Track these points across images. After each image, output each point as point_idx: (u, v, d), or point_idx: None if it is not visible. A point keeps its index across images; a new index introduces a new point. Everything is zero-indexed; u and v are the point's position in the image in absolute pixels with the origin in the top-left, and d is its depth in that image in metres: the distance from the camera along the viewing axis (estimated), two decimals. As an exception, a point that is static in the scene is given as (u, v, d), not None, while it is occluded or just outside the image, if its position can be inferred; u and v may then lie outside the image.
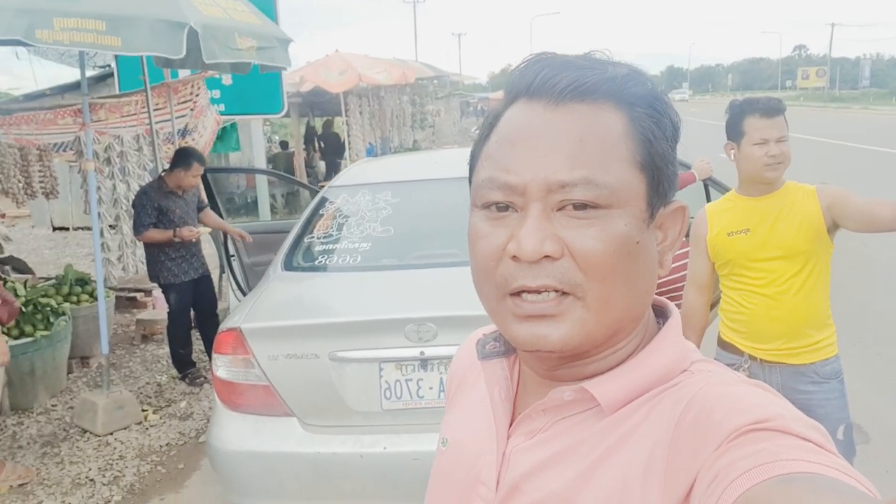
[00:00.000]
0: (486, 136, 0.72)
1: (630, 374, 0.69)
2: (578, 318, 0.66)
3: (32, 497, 3.73)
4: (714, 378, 0.67)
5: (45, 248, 11.30)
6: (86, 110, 4.56)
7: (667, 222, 0.72)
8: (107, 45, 3.33)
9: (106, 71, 9.15)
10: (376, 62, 13.74)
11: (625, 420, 0.68)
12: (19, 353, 4.72)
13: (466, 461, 0.80)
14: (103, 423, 4.43)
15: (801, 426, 0.58)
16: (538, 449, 0.72)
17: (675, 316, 0.75)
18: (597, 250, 0.64)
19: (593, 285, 0.65)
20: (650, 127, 0.68)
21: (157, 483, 3.88)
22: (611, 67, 0.69)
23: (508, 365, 0.81)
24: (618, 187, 0.65)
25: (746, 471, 0.53)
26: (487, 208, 0.69)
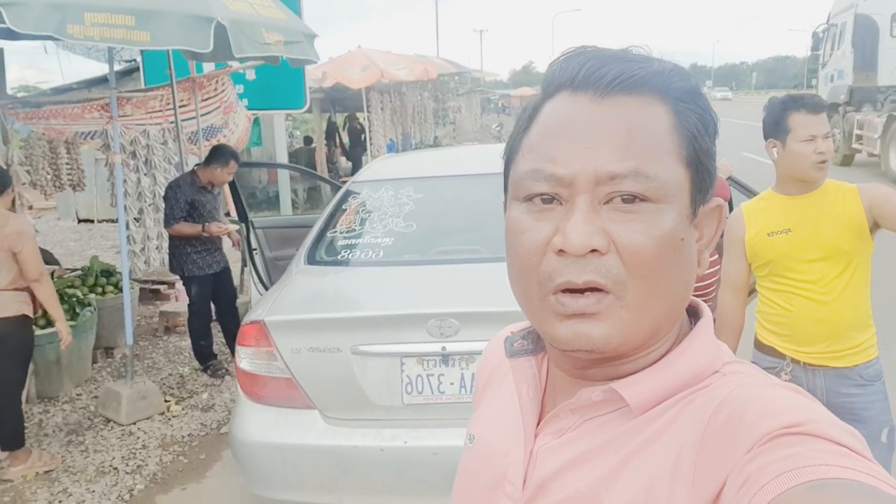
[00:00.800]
0: (525, 128, 0.71)
1: (660, 374, 0.68)
2: (619, 318, 0.64)
3: (58, 484, 3.80)
4: (746, 380, 0.66)
5: (71, 240, 11.47)
6: (113, 104, 4.62)
7: (704, 220, 0.70)
8: (136, 41, 3.37)
9: (132, 66, 9.24)
10: (398, 58, 13.77)
11: (654, 421, 0.67)
12: (46, 343, 4.80)
13: (493, 459, 0.79)
14: (127, 413, 4.49)
15: (835, 430, 0.56)
16: (566, 448, 0.71)
17: (706, 316, 0.74)
18: (644, 246, 0.63)
19: (635, 283, 0.64)
20: (695, 122, 0.67)
21: (179, 473, 3.93)
22: (655, 63, 0.68)
23: (537, 363, 0.80)
24: (666, 181, 0.64)
25: (777, 475, 0.52)
26: (530, 201, 0.67)
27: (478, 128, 30.55)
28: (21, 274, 3.73)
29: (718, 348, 0.72)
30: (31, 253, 3.73)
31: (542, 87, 0.71)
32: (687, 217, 0.67)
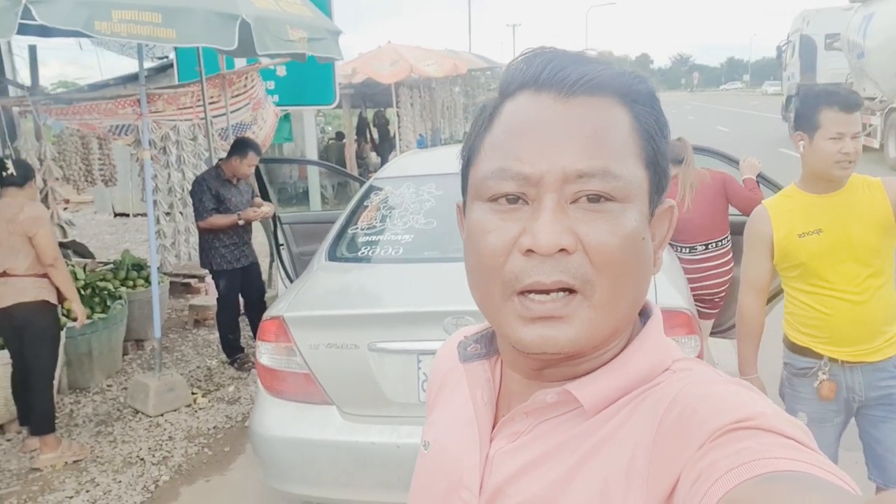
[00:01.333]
0: (485, 127, 0.70)
1: (613, 374, 0.69)
2: (586, 319, 0.64)
3: (86, 474, 3.88)
4: (696, 377, 0.66)
5: (106, 234, 11.72)
6: (143, 100, 4.69)
7: (658, 221, 0.71)
8: (162, 38, 3.42)
9: (165, 62, 9.39)
10: (428, 53, 13.76)
11: (607, 421, 0.67)
12: (77, 335, 4.91)
13: (449, 465, 0.79)
14: (154, 405, 4.57)
15: (783, 424, 0.57)
16: (521, 452, 0.71)
17: (656, 314, 0.74)
18: (611, 244, 0.63)
19: (603, 281, 0.64)
20: (652, 124, 0.68)
21: (204, 465, 3.99)
22: (614, 66, 0.68)
23: (490, 367, 0.79)
24: (630, 181, 0.65)
25: (729, 470, 0.53)
26: (495, 201, 0.66)
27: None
28: (38, 259, 3.82)
29: (668, 346, 0.72)
30: (44, 237, 3.81)
31: (501, 87, 0.70)
32: (646, 217, 0.67)
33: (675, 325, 2.50)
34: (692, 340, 2.53)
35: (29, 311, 3.85)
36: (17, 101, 4.60)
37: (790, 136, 2.39)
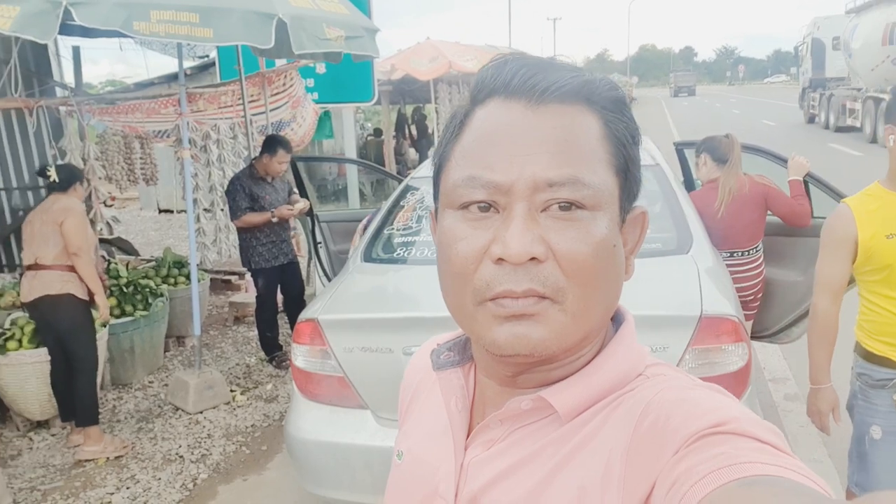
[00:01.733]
0: (455, 134, 0.70)
1: (587, 380, 0.69)
2: (558, 322, 0.64)
3: (127, 470, 3.93)
4: (670, 382, 0.67)
5: (151, 230, 11.94)
6: (183, 100, 4.72)
7: (629, 228, 0.71)
8: (199, 37, 3.42)
9: (207, 61, 9.50)
10: (467, 49, 13.66)
11: (582, 427, 0.67)
12: (120, 332, 4.99)
13: (424, 474, 0.78)
14: (194, 402, 4.61)
15: (757, 428, 0.58)
16: (496, 459, 0.71)
17: (629, 320, 0.75)
18: (582, 253, 0.63)
19: (574, 289, 0.64)
20: (623, 131, 0.68)
21: (241, 463, 4.01)
22: (584, 73, 0.68)
23: (464, 374, 0.79)
24: (600, 188, 0.65)
25: (705, 475, 0.53)
26: (466, 209, 0.66)
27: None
28: (65, 250, 3.88)
29: (641, 351, 0.73)
30: (72, 226, 3.88)
31: (471, 94, 0.70)
32: (617, 224, 0.68)
33: (722, 333, 2.40)
34: (739, 348, 2.42)
35: (54, 304, 3.91)
36: (62, 101, 4.67)
37: (884, 129, 2.25)
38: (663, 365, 0.72)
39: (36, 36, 2.88)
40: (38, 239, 3.88)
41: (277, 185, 5.29)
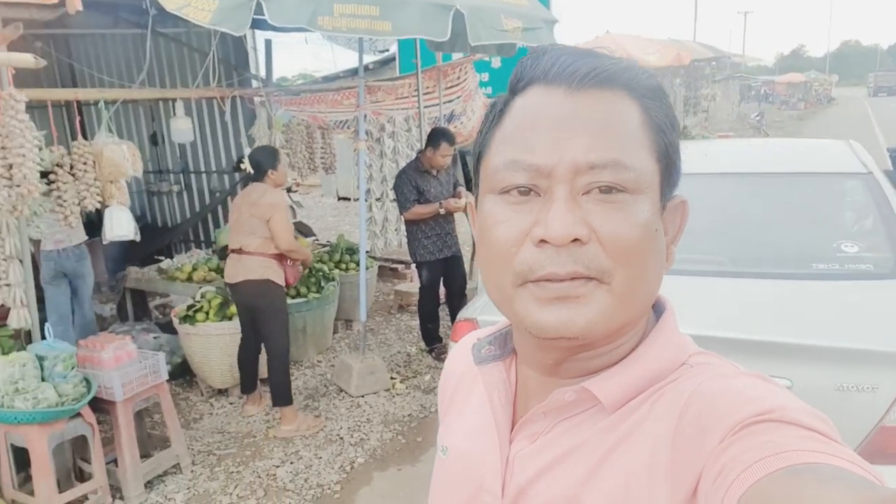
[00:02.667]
0: (496, 122, 0.70)
1: (630, 370, 0.68)
2: (605, 304, 0.64)
3: (292, 445, 4.12)
4: (714, 371, 0.66)
5: (329, 216, 12.62)
6: (361, 93, 4.86)
7: (670, 216, 0.70)
8: (378, 31, 3.47)
9: (388, 56, 9.82)
10: (649, 43, 13.09)
11: (626, 418, 0.67)
12: (295, 312, 5.25)
13: (469, 469, 0.78)
14: (356, 386, 4.75)
15: (804, 416, 0.57)
16: (541, 452, 0.71)
17: (670, 309, 0.74)
18: (625, 234, 0.63)
19: (620, 270, 0.63)
20: (662, 118, 0.67)
21: (397, 452, 4.06)
22: (623, 61, 0.68)
23: (506, 367, 0.79)
24: (642, 172, 0.64)
25: (752, 464, 0.53)
26: (507, 193, 0.67)
27: (734, 117, 28.21)
28: (271, 242, 4.13)
29: (684, 340, 0.72)
30: (280, 222, 4.12)
31: (511, 85, 0.70)
32: (658, 210, 0.67)
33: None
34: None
35: (255, 288, 4.17)
36: (254, 92, 5.00)
37: None
38: (708, 354, 0.71)
39: (231, 29, 3.04)
40: (245, 228, 4.16)
41: (442, 179, 5.31)
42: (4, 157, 2.93)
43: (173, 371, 4.88)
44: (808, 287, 2.60)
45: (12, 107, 2.93)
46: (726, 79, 28.05)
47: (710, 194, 3.12)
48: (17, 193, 2.97)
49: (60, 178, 3.67)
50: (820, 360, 2.15)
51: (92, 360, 3.46)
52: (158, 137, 7.97)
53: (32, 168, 2.97)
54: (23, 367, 3.13)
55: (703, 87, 21.39)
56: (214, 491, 3.65)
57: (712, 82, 24.18)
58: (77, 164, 3.74)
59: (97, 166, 3.79)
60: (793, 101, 41.81)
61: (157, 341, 5.03)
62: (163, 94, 5.08)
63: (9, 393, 3.08)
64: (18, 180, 2.94)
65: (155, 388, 3.65)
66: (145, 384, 3.57)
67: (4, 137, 2.92)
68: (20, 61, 2.80)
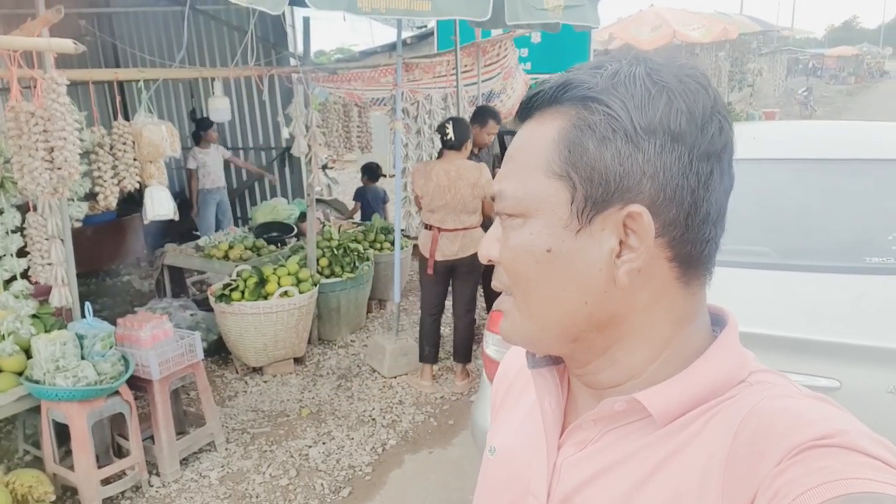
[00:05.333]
0: None
1: (683, 384, 0.67)
2: (512, 315, 0.71)
3: (324, 426, 4.15)
4: (774, 390, 0.65)
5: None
6: (399, 72, 4.80)
7: (610, 231, 0.65)
8: (418, 11, 3.40)
9: (426, 31, 9.71)
10: (695, 17, 12.69)
11: (678, 432, 0.66)
12: (329, 291, 5.27)
13: (516, 471, 0.79)
14: (389, 367, 4.76)
15: (867, 442, 0.55)
16: (589, 460, 0.71)
17: (732, 324, 0.72)
18: (504, 257, 0.69)
19: (514, 289, 0.69)
20: (596, 127, 0.64)
21: (429, 435, 4.06)
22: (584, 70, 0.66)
23: (559, 373, 0.79)
24: (525, 198, 0.67)
25: (808, 489, 0.52)
26: None
27: (781, 92, 27.39)
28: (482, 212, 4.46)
29: (744, 356, 0.70)
30: None
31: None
32: (564, 228, 0.65)
33: None
34: None
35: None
36: (292, 70, 4.97)
37: None
38: (768, 372, 0.69)
39: (269, 8, 3.00)
40: (469, 207, 4.37)
41: (484, 158, 5.24)
42: (46, 140, 2.95)
43: (209, 348, 4.95)
44: (860, 282, 2.49)
45: (54, 90, 2.94)
46: (773, 52, 27.19)
47: (757, 181, 3.00)
48: (59, 176, 3.00)
49: (100, 158, 3.69)
50: (871, 360, 2.06)
51: (130, 339, 3.51)
52: (198, 113, 8.03)
53: (73, 151, 2.98)
54: (63, 346, 3.19)
55: (749, 62, 20.75)
56: (248, 469, 3.69)
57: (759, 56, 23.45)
58: (117, 145, 3.76)
59: (136, 146, 3.81)
60: (843, 75, 40.45)
61: (193, 318, 5.09)
62: (201, 74, 5.07)
63: (50, 371, 3.14)
64: (59, 163, 2.96)
65: (191, 367, 3.69)
66: (181, 363, 3.62)
67: (46, 120, 2.94)
68: (60, 47, 2.80)
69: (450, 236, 4.45)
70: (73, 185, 3.21)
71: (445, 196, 4.36)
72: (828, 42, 75.70)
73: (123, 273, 7.28)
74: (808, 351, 2.11)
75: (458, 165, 4.37)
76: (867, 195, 2.94)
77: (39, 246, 3.28)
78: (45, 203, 3.24)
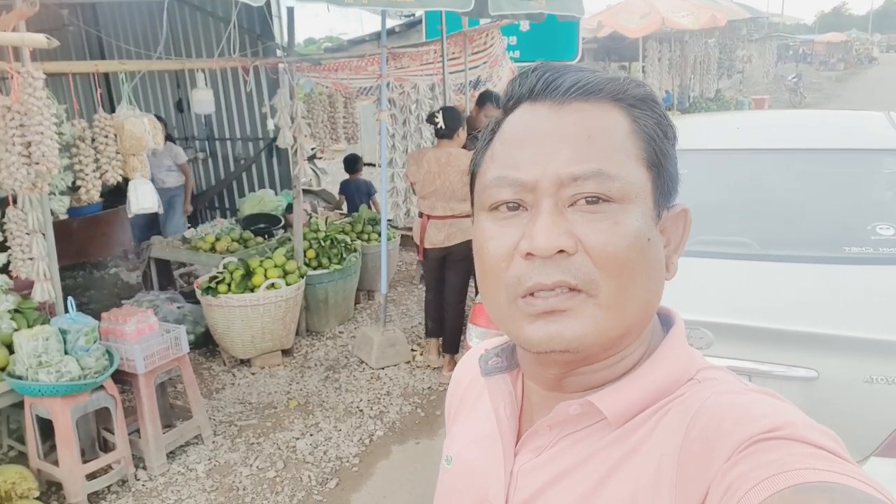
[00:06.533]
0: (488, 142, 0.72)
1: (636, 384, 0.67)
2: (591, 316, 0.63)
3: (312, 417, 4.15)
4: (722, 387, 0.66)
5: (354, 182, 12.56)
6: (383, 62, 4.77)
7: (670, 225, 0.70)
8: (401, 2, 3.39)
9: (414, 19, 9.66)
10: (683, 4, 12.65)
11: (632, 433, 0.66)
12: (316, 283, 5.27)
13: (473, 479, 0.79)
14: (377, 358, 4.77)
15: (813, 433, 0.57)
16: (546, 466, 0.71)
17: (678, 323, 0.73)
18: (612, 244, 0.63)
19: (607, 281, 0.63)
20: (652, 127, 0.67)
21: (416, 426, 4.07)
22: (609, 72, 0.68)
23: (512, 380, 0.79)
24: (628, 181, 0.64)
25: (759, 482, 0.52)
26: (496, 209, 0.68)
27: (770, 79, 27.40)
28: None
29: (692, 355, 0.71)
30: None
31: (502, 105, 0.71)
32: (652, 219, 0.66)
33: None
34: None
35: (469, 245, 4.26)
36: (276, 60, 4.93)
37: None
38: (716, 369, 0.70)
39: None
40: (458, 195, 4.36)
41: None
42: (23, 135, 2.93)
43: (196, 340, 4.94)
44: (838, 272, 2.50)
45: (30, 84, 2.91)
46: (763, 39, 27.18)
47: (736, 171, 3.02)
48: (37, 171, 2.97)
49: (82, 151, 3.66)
50: (849, 350, 2.08)
51: (114, 333, 3.49)
52: (184, 104, 7.97)
53: (51, 146, 2.96)
54: (46, 341, 3.17)
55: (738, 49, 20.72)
56: (235, 462, 3.70)
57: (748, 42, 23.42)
58: (98, 138, 3.73)
59: (118, 139, 3.78)
60: (832, 61, 40.51)
61: (181, 311, 5.08)
62: (184, 65, 5.03)
63: (33, 366, 3.12)
64: (37, 158, 2.93)
65: (176, 360, 3.69)
66: (167, 357, 3.61)
67: (23, 115, 2.91)
68: (33, 42, 2.77)
69: (437, 224, 4.49)
70: (52, 179, 3.19)
71: (435, 182, 4.41)
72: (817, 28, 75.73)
73: (111, 265, 7.25)
74: (787, 341, 2.13)
75: (449, 153, 4.41)
76: (847, 185, 2.95)
77: (20, 240, 3.26)
78: (24, 197, 3.21)
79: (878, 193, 2.94)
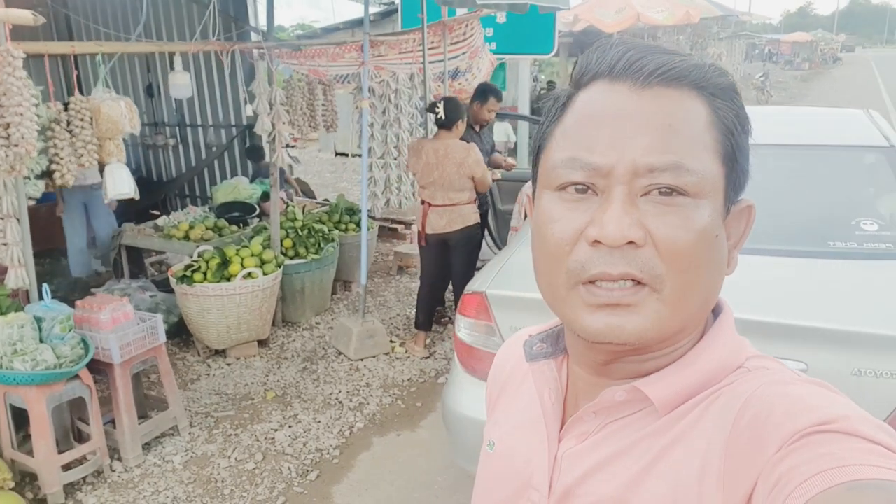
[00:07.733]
0: (557, 117, 0.68)
1: (684, 372, 0.67)
2: (654, 311, 0.62)
3: (290, 409, 4.10)
4: (772, 376, 0.64)
5: (327, 172, 12.47)
6: (366, 49, 4.72)
7: (734, 220, 0.68)
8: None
9: (390, 8, 9.58)
10: (660, 0, 12.77)
11: (678, 421, 0.65)
12: (293, 273, 5.20)
13: (516, 465, 0.78)
14: (356, 350, 4.73)
15: (868, 427, 0.55)
16: (590, 452, 0.70)
17: (727, 311, 0.72)
18: (682, 239, 0.61)
19: (673, 277, 0.62)
20: (732, 119, 0.65)
21: (396, 417, 4.05)
22: (693, 57, 0.65)
23: (557, 366, 0.78)
24: (704, 176, 0.62)
25: (811, 476, 0.51)
26: (563, 190, 0.65)
27: (739, 77, 27.83)
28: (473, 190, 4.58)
29: (741, 342, 0.70)
30: (485, 174, 4.54)
31: (575, 78, 0.68)
32: (720, 214, 0.65)
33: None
34: None
35: (472, 230, 4.64)
36: (255, 45, 4.84)
37: None
38: (766, 358, 0.69)
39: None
40: (455, 185, 4.47)
41: (485, 137, 5.22)
42: (2, 116, 2.83)
43: (170, 330, 4.84)
44: (824, 267, 2.55)
45: (10, 63, 2.81)
46: (731, 37, 27.57)
47: None
48: (15, 153, 2.87)
49: (57, 134, 3.55)
50: (836, 343, 2.11)
51: (89, 321, 3.41)
52: (154, 89, 7.79)
53: (31, 127, 2.86)
54: (21, 329, 3.08)
55: (709, 46, 20.99)
56: (213, 454, 3.64)
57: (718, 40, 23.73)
58: (74, 121, 3.62)
59: (94, 123, 3.67)
60: (797, 60, 41.30)
61: (153, 300, 4.97)
62: (161, 48, 4.91)
63: (7, 354, 3.03)
64: (16, 140, 2.84)
65: (153, 350, 3.61)
66: (143, 347, 3.53)
67: (1, 95, 2.81)
68: (19, 18, 2.68)
69: (439, 211, 4.57)
70: (30, 162, 3.08)
71: (433, 173, 4.45)
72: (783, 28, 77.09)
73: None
74: (775, 334, 2.15)
75: (446, 144, 4.42)
76: (831, 181, 3.00)
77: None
78: (0, 181, 3.11)
79: (861, 189, 3.00)
